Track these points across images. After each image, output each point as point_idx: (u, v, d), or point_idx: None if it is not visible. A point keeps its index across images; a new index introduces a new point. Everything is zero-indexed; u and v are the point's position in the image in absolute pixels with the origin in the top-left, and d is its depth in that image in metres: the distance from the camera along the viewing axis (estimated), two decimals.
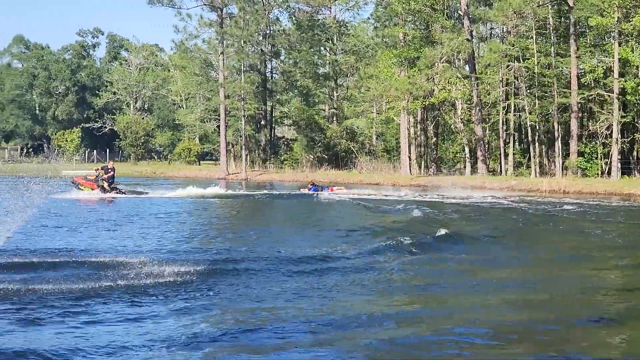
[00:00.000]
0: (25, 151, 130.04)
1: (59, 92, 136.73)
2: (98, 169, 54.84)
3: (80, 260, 20.55)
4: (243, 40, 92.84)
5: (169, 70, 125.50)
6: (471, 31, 76.58)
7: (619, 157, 66.55)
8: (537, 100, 72.58)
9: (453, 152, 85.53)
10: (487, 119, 78.14)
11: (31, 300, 15.42)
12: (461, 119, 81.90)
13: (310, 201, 49.39)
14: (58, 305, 15.05)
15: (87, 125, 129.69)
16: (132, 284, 17.12)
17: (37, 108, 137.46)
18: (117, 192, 52.20)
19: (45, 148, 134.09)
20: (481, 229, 30.57)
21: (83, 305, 15.05)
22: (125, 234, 28.28)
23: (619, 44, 65.08)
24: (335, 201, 48.25)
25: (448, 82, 78.67)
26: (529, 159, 75.04)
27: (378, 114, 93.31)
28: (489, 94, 77.89)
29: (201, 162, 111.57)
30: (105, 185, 52.77)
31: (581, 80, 68.80)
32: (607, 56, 68.22)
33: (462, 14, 76.68)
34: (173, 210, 39.94)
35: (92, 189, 52.34)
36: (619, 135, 66.37)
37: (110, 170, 53.84)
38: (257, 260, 21.26)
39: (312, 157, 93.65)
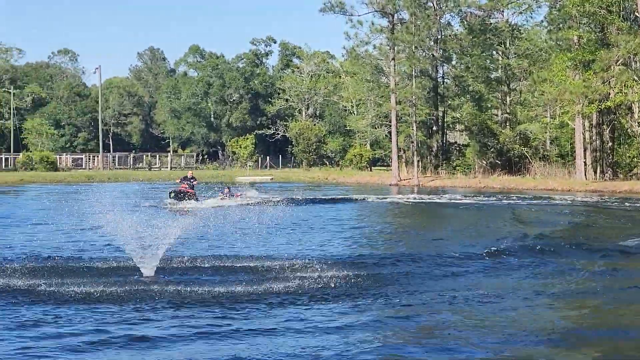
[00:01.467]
0: (200, 158, 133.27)
1: (233, 100, 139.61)
2: (180, 179, 52.59)
3: (251, 265, 20.94)
4: (414, 45, 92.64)
5: (340, 76, 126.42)
6: None
7: None
8: None
9: (630, 157, 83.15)
10: None
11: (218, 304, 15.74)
12: (638, 123, 79.56)
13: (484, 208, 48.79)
14: (238, 309, 15.32)
15: (260, 131, 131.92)
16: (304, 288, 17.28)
17: (212, 115, 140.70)
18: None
19: (219, 154, 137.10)
20: None
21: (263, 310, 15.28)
22: (298, 239, 28.56)
23: None
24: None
25: (624, 85, 76.56)
26: None
27: (552, 118, 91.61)
28: None
29: (372, 168, 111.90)
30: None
31: None
32: None
33: (638, 15, 74.51)
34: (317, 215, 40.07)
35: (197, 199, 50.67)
36: None
37: (191, 179, 51.94)
38: (430, 263, 21.15)
39: (485, 162, 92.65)
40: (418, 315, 15.25)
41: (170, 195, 49.97)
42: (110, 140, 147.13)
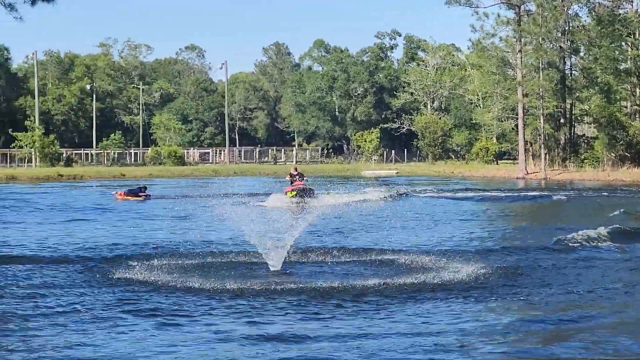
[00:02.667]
0: (325, 152, 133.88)
1: (358, 94, 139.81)
2: (291, 176, 49.00)
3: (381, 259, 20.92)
4: (541, 37, 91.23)
5: (465, 69, 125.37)
6: None
7: None
8: None
9: None
10: None
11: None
12: None
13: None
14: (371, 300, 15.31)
15: (385, 125, 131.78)
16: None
17: (336, 109, 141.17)
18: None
19: (344, 148, 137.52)
20: None
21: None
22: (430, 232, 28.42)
23: None
24: None
25: None
26: None
27: None
28: None
29: (499, 161, 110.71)
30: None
31: None
32: None
33: None
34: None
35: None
36: None
37: (301, 175, 49.08)
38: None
39: (614, 155, 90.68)
40: (559, 312, 14.99)
41: (292, 195, 46.15)
42: (236, 134, 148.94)
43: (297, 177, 48.48)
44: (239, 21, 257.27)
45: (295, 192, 46.35)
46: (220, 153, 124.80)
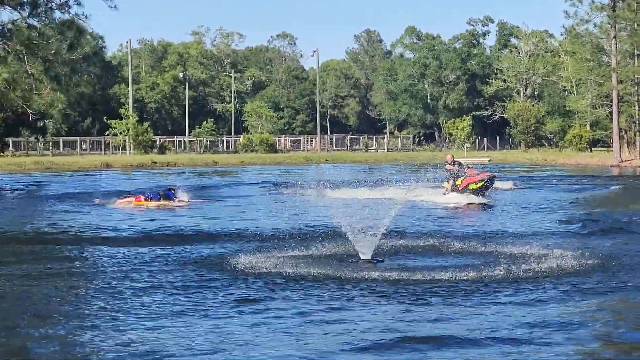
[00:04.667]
0: (417, 139, 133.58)
1: (450, 81, 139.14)
2: (458, 165, 41.37)
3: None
4: (636, 23, 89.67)
5: (559, 56, 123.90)
6: None
7: None
8: None
9: None
10: None
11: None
12: None
13: None
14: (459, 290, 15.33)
15: (477, 113, 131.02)
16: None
17: (428, 97, 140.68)
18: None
19: (436, 136, 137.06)
20: None
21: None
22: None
23: None
24: None
25: None
26: None
27: None
28: None
29: (592, 149, 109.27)
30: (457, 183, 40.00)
31: None
32: None
33: None
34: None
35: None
36: None
37: (454, 163, 41.39)
38: None
39: None
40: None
41: (477, 187, 38.65)
42: (328, 122, 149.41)
43: (457, 165, 41.02)
44: (330, 8, 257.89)
45: (482, 183, 38.79)
46: (312, 141, 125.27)
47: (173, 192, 37.55)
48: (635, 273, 17.45)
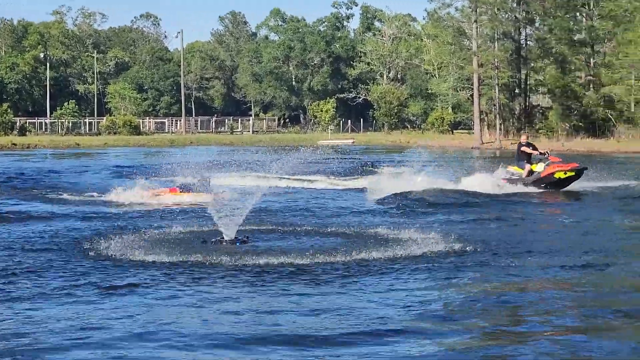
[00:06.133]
0: (282, 121, 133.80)
1: (314, 64, 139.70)
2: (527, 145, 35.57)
3: None
4: (496, 7, 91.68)
5: (421, 39, 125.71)
6: None
7: None
8: None
9: None
10: None
11: None
12: None
13: None
14: None
15: (341, 95, 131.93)
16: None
17: (293, 79, 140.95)
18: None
19: (301, 118, 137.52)
20: None
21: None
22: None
23: None
24: None
25: None
26: None
27: (637, 80, 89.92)
28: None
29: (454, 131, 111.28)
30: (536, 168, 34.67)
31: None
32: None
33: None
34: None
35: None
36: None
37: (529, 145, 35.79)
38: None
39: (568, 125, 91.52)
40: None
41: (566, 175, 33.61)
42: (193, 104, 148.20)
43: (532, 148, 35.54)
44: None
45: (572, 173, 33.68)
46: (177, 123, 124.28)
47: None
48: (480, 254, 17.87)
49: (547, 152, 35.53)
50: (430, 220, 23.91)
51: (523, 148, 34.96)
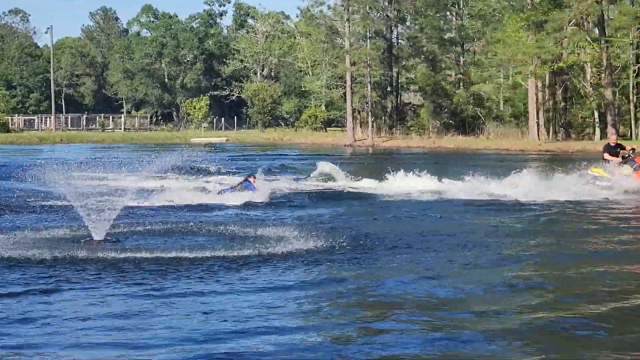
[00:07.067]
0: (154, 119, 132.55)
1: (187, 61, 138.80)
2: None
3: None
4: (368, 6, 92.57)
5: (295, 37, 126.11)
6: None
7: None
8: None
9: (582, 117, 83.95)
10: (617, 83, 76.47)
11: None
12: (590, 83, 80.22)
13: None
14: None
15: (214, 93, 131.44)
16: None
17: (165, 76, 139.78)
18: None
19: (174, 116, 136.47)
20: None
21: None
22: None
23: None
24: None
25: (577, 45, 77.21)
26: None
27: (505, 79, 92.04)
28: (618, 57, 76.32)
29: (327, 129, 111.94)
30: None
31: None
32: None
33: None
34: None
35: None
36: None
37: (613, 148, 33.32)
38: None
39: (439, 123, 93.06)
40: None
41: None
42: (63, 101, 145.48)
43: (621, 148, 33.04)
44: None
45: None
46: (46, 120, 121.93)
47: (253, 181, 29.67)
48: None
49: (630, 153, 32.31)
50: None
51: (605, 155, 32.56)
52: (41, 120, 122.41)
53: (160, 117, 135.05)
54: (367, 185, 34.39)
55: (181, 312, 12.45)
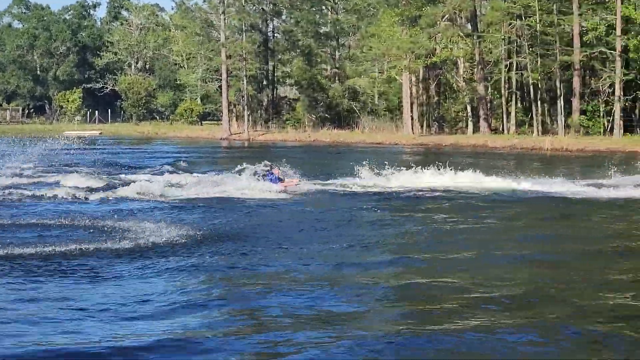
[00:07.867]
0: (26, 112, 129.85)
1: (60, 53, 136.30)
2: None
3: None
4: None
5: (170, 30, 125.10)
6: None
7: (622, 115, 66.62)
8: (539, 59, 72.54)
9: (455, 111, 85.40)
10: (489, 78, 78.02)
11: None
12: (463, 78, 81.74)
13: None
14: None
15: (88, 85, 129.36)
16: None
17: (38, 69, 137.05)
18: None
19: (46, 109, 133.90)
20: None
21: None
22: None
23: (622, 1, 64.86)
24: None
25: (450, 40, 78.52)
26: (531, 118, 75.07)
27: (380, 73, 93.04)
28: (491, 53, 77.87)
29: (203, 122, 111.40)
30: None
31: (583, 38, 68.65)
32: (609, 14, 68.09)
33: None
34: None
35: None
36: (621, 93, 66.26)
37: None
38: None
39: (315, 117, 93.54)
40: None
41: None
42: None
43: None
44: None
45: None
46: None
47: (277, 175, 28.22)
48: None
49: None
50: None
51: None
52: None
53: (32, 110, 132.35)
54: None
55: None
